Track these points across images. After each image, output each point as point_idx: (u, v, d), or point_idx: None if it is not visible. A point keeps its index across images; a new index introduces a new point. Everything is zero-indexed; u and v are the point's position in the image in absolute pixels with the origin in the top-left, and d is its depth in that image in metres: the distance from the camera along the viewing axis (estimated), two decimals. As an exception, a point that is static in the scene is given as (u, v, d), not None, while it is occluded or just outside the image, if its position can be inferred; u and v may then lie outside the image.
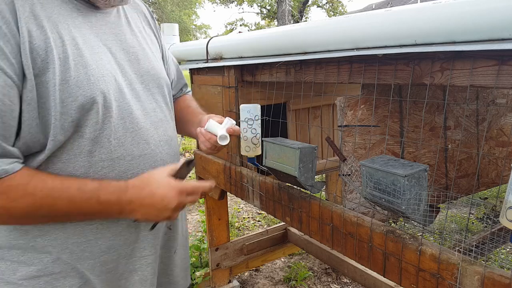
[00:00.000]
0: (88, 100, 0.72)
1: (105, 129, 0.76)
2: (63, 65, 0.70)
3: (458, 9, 0.72)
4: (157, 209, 0.77)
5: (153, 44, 0.97)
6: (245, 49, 1.39)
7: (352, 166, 1.13)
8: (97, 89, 0.74)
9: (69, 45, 0.72)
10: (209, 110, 1.76)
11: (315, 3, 24.11)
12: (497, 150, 1.58)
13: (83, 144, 0.75)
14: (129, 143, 0.81)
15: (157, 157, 0.86)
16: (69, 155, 0.74)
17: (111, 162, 0.78)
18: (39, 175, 0.71)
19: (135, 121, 0.82)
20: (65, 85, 0.70)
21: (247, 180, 1.43)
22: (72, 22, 0.75)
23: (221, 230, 2.11)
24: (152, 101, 0.88)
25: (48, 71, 0.68)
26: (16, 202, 0.67)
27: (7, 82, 0.65)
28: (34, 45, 0.67)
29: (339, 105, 1.12)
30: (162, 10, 25.21)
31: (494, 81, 0.77)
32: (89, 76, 0.73)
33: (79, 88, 0.71)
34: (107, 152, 0.78)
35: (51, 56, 0.69)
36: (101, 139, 0.76)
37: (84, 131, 0.74)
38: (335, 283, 2.36)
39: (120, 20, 0.86)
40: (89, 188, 0.73)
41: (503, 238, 1.23)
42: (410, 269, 0.84)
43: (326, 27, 1.03)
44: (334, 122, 1.96)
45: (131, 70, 0.84)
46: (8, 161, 0.67)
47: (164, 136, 0.90)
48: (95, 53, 0.77)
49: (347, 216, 0.99)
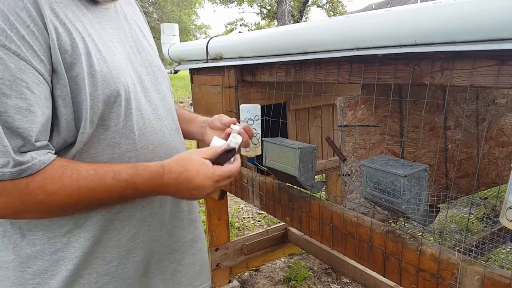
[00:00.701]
0: (113, 93, 0.74)
1: (127, 120, 0.79)
2: (88, 60, 0.72)
3: (458, 9, 0.72)
4: (193, 194, 0.79)
5: (149, 35, 0.99)
6: (245, 49, 1.39)
7: (352, 166, 1.13)
8: (119, 83, 0.76)
9: (88, 41, 0.74)
10: (209, 110, 1.76)
11: (315, 3, 24.12)
12: (497, 150, 1.58)
13: (110, 136, 0.77)
14: (149, 133, 0.83)
15: (172, 145, 0.89)
16: (97, 148, 0.76)
17: (137, 153, 0.81)
18: (72, 165, 0.71)
19: (150, 112, 0.85)
20: (91, 79, 0.72)
21: (247, 180, 1.43)
22: (85, 19, 0.76)
23: (221, 230, 2.11)
24: (160, 91, 0.91)
25: (76, 66, 0.70)
26: (54, 196, 0.67)
27: (40, 79, 0.66)
28: (61, 41, 0.69)
29: (339, 105, 1.12)
30: (162, 10, 25.21)
31: (494, 81, 0.77)
32: (111, 70, 0.75)
33: (104, 82, 0.73)
34: (132, 143, 0.80)
35: (77, 51, 0.70)
36: (125, 131, 0.79)
37: (109, 124, 0.76)
38: (335, 283, 2.36)
39: (118, 15, 0.88)
40: (123, 176, 0.73)
41: (503, 238, 1.23)
42: (410, 269, 0.84)
43: (326, 27, 1.03)
44: (334, 122, 1.96)
45: (137, 62, 0.87)
46: (43, 152, 0.68)
47: (173, 125, 0.93)
48: (109, 48, 0.78)
49: (347, 216, 0.99)
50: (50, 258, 0.75)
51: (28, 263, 0.75)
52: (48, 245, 0.75)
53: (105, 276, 0.80)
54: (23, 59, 0.64)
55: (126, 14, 0.91)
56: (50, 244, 0.75)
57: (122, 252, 0.82)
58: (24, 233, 0.75)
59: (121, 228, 0.81)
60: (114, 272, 0.81)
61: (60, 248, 0.76)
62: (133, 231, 0.83)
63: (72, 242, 0.76)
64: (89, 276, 0.78)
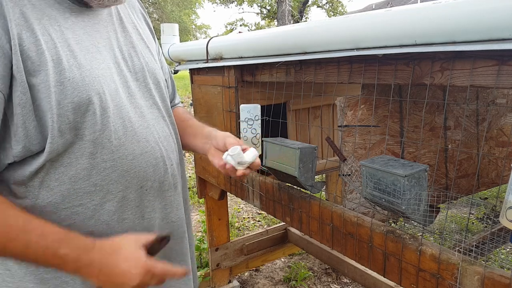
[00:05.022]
0: (84, 101, 0.72)
1: (104, 129, 0.76)
2: (57, 67, 0.70)
3: (458, 9, 0.72)
4: (114, 283, 0.72)
5: (148, 38, 0.96)
6: (245, 49, 1.39)
7: (352, 166, 1.13)
8: (92, 90, 0.73)
9: (61, 47, 0.71)
10: (209, 110, 1.77)
11: (315, 3, 24.12)
12: (497, 150, 1.58)
13: (84, 146, 0.74)
14: (130, 142, 0.80)
15: (157, 154, 0.85)
16: (71, 158, 0.73)
17: (114, 163, 0.78)
18: (4, 206, 0.67)
19: (134, 120, 0.82)
20: (60, 87, 0.69)
21: (247, 180, 1.43)
22: (65, 22, 0.74)
23: (221, 230, 2.11)
24: (148, 98, 0.88)
25: (40, 73, 0.68)
26: None
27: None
28: (24, 48, 0.67)
29: (339, 105, 1.12)
30: (162, 10, 25.20)
31: (494, 81, 0.77)
32: (84, 77, 0.72)
33: (74, 90, 0.71)
34: (109, 153, 0.77)
35: (43, 58, 0.68)
36: (102, 140, 0.76)
37: (83, 133, 0.74)
38: (335, 283, 2.36)
39: (111, 18, 0.86)
40: (50, 238, 0.68)
41: (503, 238, 1.23)
42: (410, 269, 0.84)
43: (326, 27, 1.03)
44: (334, 122, 1.96)
45: (125, 68, 0.84)
46: None
47: (162, 133, 0.89)
48: (89, 53, 0.76)
49: (347, 216, 0.99)
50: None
51: (8, 266, 0.75)
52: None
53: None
54: None
55: (121, 17, 0.89)
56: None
57: None
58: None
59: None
60: None
61: None
62: None
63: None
64: (73, 282, 0.76)
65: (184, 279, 0.97)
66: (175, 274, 0.77)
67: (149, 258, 0.74)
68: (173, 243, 0.92)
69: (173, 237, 0.92)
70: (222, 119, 1.63)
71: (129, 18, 0.92)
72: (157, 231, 0.87)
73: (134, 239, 0.75)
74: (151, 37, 1.00)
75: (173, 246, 0.92)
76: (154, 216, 0.86)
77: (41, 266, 0.74)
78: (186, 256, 0.98)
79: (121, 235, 0.76)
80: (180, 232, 0.96)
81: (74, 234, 0.71)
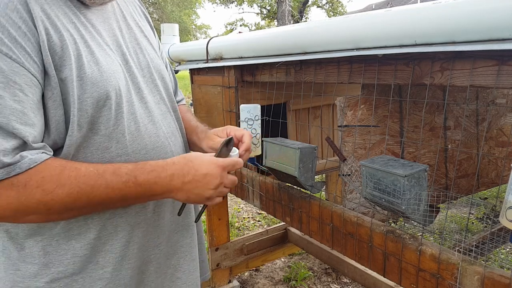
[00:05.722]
0: (102, 97, 0.73)
1: (118, 124, 0.77)
2: (78, 62, 0.71)
3: (458, 9, 0.72)
4: (200, 186, 0.75)
5: (150, 35, 0.98)
6: (245, 49, 1.39)
7: (352, 166, 1.13)
8: (110, 86, 0.75)
9: (80, 43, 0.73)
10: (209, 110, 1.77)
11: (315, 3, 24.12)
12: (497, 150, 1.58)
13: (99, 141, 0.75)
14: (142, 137, 0.82)
15: (167, 149, 0.87)
16: (86, 153, 0.75)
17: (128, 157, 0.79)
18: (71, 164, 0.70)
19: (144, 116, 0.83)
20: (80, 82, 0.71)
21: (247, 180, 1.43)
22: (78, 20, 0.76)
23: (221, 230, 2.11)
24: (155, 94, 0.90)
25: (65, 68, 0.69)
26: (53, 194, 0.66)
27: (33, 81, 0.66)
28: (51, 43, 0.68)
29: (339, 105, 1.12)
30: (162, 10, 25.20)
31: (494, 81, 0.77)
32: (102, 73, 0.74)
33: (94, 85, 0.72)
34: (123, 147, 0.78)
35: (67, 53, 0.70)
36: (116, 135, 0.77)
37: (98, 128, 0.75)
38: (335, 283, 2.36)
39: (115, 15, 0.87)
40: (124, 171, 0.71)
41: (503, 238, 1.23)
42: (410, 269, 0.84)
43: (326, 27, 1.03)
44: (334, 122, 1.96)
45: (133, 64, 0.85)
46: (36, 152, 0.66)
47: (169, 128, 0.91)
48: (103, 50, 0.78)
49: (347, 216, 0.99)
50: (39, 261, 0.74)
51: (18, 266, 0.74)
52: (37, 248, 0.74)
53: (99, 281, 0.79)
54: (16, 61, 0.64)
55: (124, 14, 0.90)
56: (38, 247, 0.74)
57: (116, 258, 0.80)
58: (11, 236, 0.74)
59: (114, 234, 0.79)
60: (109, 278, 0.79)
61: (50, 252, 0.75)
62: (127, 237, 0.81)
63: (61, 245, 0.75)
64: (82, 280, 0.77)
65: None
66: (241, 163, 0.84)
67: (219, 157, 0.79)
68: (181, 236, 0.95)
69: (181, 228, 0.95)
70: (222, 119, 1.64)
71: (130, 16, 0.93)
72: (166, 224, 0.90)
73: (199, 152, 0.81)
74: (152, 34, 1.01)
75: (180, 238, 0.95)
76: (164, 209, 0.88)
77: (132, 203, 0.77)
78: (194, 248, 0.99)
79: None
80: (189, 222, 0.99)
81: (139, 163, 0.75)
